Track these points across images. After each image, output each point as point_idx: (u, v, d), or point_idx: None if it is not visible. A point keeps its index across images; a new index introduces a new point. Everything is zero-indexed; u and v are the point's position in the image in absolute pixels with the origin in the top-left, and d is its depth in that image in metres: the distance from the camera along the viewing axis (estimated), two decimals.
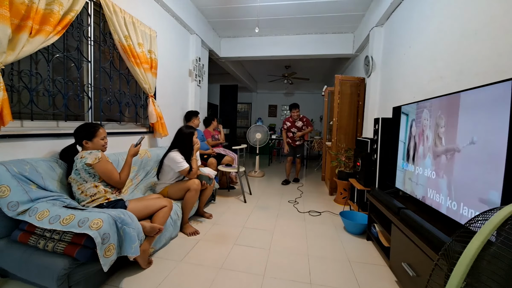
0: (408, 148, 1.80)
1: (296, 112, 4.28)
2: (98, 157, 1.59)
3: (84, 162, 1.56)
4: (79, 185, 1.58)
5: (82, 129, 1.67)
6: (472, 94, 1.18)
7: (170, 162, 2.17)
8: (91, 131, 1.67)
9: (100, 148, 1.70)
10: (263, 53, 4.65)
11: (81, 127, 1.68)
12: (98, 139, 1.68)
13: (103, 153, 1.65)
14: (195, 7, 3.62)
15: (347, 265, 1.79)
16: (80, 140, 1.66)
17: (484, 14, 1.43)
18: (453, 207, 1.27)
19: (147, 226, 1.61)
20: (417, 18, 2.24)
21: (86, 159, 1.56)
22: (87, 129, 1.67)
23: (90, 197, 1.59)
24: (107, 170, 1.64)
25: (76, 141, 1.70)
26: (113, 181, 1.68)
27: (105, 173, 1.63)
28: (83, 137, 1.65)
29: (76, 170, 1.57)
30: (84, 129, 1.67)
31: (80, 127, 1.68)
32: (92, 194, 1.60)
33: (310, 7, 3.49)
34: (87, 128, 1.68)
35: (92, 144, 1.66)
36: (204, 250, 1.92)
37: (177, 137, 2.32)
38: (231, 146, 3.81)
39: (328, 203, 3.28)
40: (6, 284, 1.41)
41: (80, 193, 1.59)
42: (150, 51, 2.60)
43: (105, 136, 1.74)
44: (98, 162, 1.58)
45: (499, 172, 0.99)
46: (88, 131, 1.66)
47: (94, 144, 1.67)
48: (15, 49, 1.38)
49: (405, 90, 2.45)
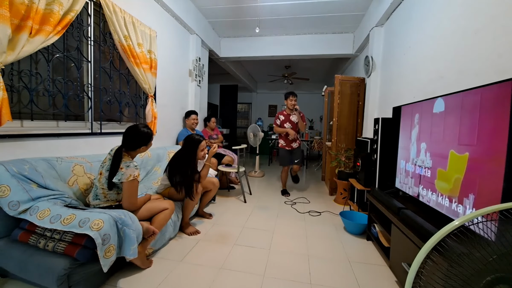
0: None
1: (293, 100, 3.37)
2: (134, 175, 1.55)
3: (118, 179, 1.53)
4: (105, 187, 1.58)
5: (143, 135, 1.66)
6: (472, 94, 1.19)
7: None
8: (148, 138, 1.69)
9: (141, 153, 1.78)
10: (263, 53, 4.65)
11: (141, 133, 1.66)
12: (149, 147, 1.73)
13: (139, 172, 1.61)
14: (195, 7, 3.62)
15: (347, 265, 1.79)
16: (139, 145, 1.65)
17: (484, 14, 1.43)
18: (455, 207, 1.27)
19: (144, 226, 1.60)
20: (417, 18, 2.25)
21: (122, 176, 1.53)
22: (146, 136, 1.68)
23: (107, 200, 1.60)
24: (132, 189, 1.58)
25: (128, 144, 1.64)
26: (130, 200, 1.60)
27: (128, 191, 1.57)
28: (142, 143, 1.66)
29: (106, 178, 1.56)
30: (145, 136, 1.67)
31: (141, 133, 1.66)
32: (111, 199, 1.61)
33: (310, 7, 3.49)
34: (146, 135, 1.68)
35: (145, 148, 1.70)
36: (204, 250, 1.92)
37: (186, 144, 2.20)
38: (231, 146, 3.81)
39: (328, 203, 3.28)
40: (6, 284, 1.40)
41: (101, 193, 1.59)
42: (149, 51, 2.60)
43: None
44: (131, 180, 1.54)
45: (499, 171, 0.99)
46: (147, 138, 1.68)
47: (146, 147, 1.71)
48: (15, 49, 1.39)
49: (405, 90, 2.45)
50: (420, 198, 1.60)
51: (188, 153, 2.14)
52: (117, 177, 1.53)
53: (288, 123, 3.44)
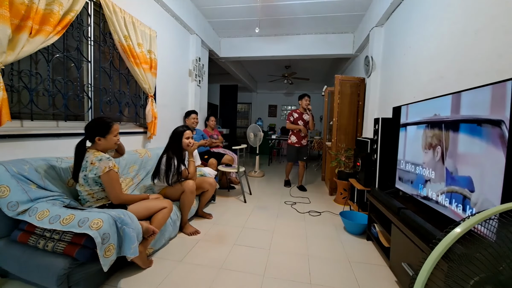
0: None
1: (307, 100, 3.76)
2: (109, 166, 1.52)
3: (94, 174, 1.50)
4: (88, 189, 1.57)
5: (96, 124, 1.57)
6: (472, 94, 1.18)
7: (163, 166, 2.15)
8: (105, 128, 1.58)
9: (112, 146, 1.63)
10: (263, 53, 4.65)
11: (95, 123, 1.58)
12: (111, 136, 1.60)
13: (114, 162, 1.57)
14: (195, 7, 3.62)
15: (347, 265, 1.79)
16: (93, 136, 1.56)
17: (484, 14, 1.43)
18: (455, 207, 1.27)
19: (143, 225, 1.60)
20: (417, 18, 2.24)
21: (97, 171, 1.49)
22: (101, 125, 1.57)
23: (96, 200, 1.60)
24: (111, 180, 1.54)
25: (87, 137, 1.58)
26: (113, 193, 1.56)
27: (108, 183, 1.54)
28: (97, 133, 1.56)
29: (85, 176, 1.53)
30: (98, 125, 1.57)
31: (94, 123, 1.58)
32: (99, 198, 1.60)
33: (310, 7, 3.49)
34: (101, 124, 1.58)
35: (105, 141, 1.58)
36: (204, 250, 1.92)
37: (170, 137, 2.26)
38: (231, 146, 3.81)
39: (328, 203, 3.28)
40: (6, 284, 1.40)
41: (87, 194, 1.57)
42: (149, 51, 2.60)
43: (118, 132, 1.65)
44: (107, 171, 1.51)
45: (499, 172, 0.99)
46: (102, 128, 1.57)
47: (107, 141, 1.58)
48: (15, 49, 1.39)
49: (405, 90, 2.45)
50: (420, 198, 1.60)
51: (173, 142, 2.20)
52: (92, 173, 1.50)
53: (300, 121, 3.82)
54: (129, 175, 2.29)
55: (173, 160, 2.12)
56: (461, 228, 0.76)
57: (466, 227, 0.75)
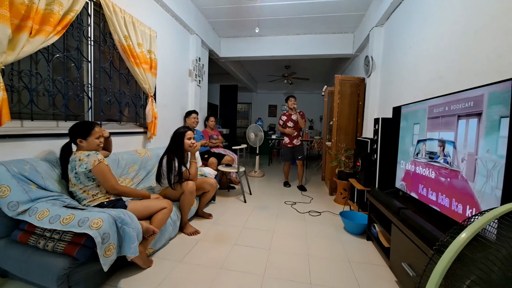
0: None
1: (292, 100, 3.90)
2: (98, 159, 1.56)
3: (85, 168, 1.52)
4: (81, 186, 1.57)
5: (77, 127, 1.61)
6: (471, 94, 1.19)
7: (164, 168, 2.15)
8: (86, 130, 1.61)
9: (95, 148, 1.65)
10: (263, 53, 4.65)
11: (76, 125, 1.62)
12: (93, 138, 1.62)
13: (102, 156, 1.60)
14: (195, 7, 3.62)
15: (347, 265, 1.79)
16: (75, 138, 1.60)
17: (484, 14, 1.43)
18: (455, 207, 1.27)
19: (143, 225, 1.60)
20: (417, 18, 2.24)
21: (87, 165, 1.52)
22: (82, 128, 1.61)
23: (92, 196, 1.59)
24: (103, 172, 1.58)
25: (70, 140, 1.63)
26: (108, 184, 1.61)
27: (101, 175, 1.57)
28: (78, 135, 1.59)
29: (76, 174, 1.54)
30: (79, 127, 1.61)
31: (75, 125, 1.62)
32: (95, 193, 1.60)
33: (310, 7, 3.49)
34: (82, 126, 1.62)
35: (86, 143, 1.60)
36: (204, 250, 1.92)
37: (171, 138, 2.25)
38: (231, 146, 3.81)
39: (328, 203, 3.28)
40: (6, 284, 1.41)
41: (82, 192, 1.58)
42: (149, 51, 2.60)
43: (100, 135, 1.68)
44: (97, 164, 1.55)
45: (500, 172, 0.99)
46: (83, 130, 1.61)
47: (89, 143, 1.61)
48: (15, 49, 1.39)
49: (405, 90, 2.45)
50: (420, 198, 1.60)
51: (175, 143, 2.18)
52: (82, 167, 1.52)
53: (290, 122, 3.99)
54: (129, 175, 2.29)
55: (174, 161, 2.11)
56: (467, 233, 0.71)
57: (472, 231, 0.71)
